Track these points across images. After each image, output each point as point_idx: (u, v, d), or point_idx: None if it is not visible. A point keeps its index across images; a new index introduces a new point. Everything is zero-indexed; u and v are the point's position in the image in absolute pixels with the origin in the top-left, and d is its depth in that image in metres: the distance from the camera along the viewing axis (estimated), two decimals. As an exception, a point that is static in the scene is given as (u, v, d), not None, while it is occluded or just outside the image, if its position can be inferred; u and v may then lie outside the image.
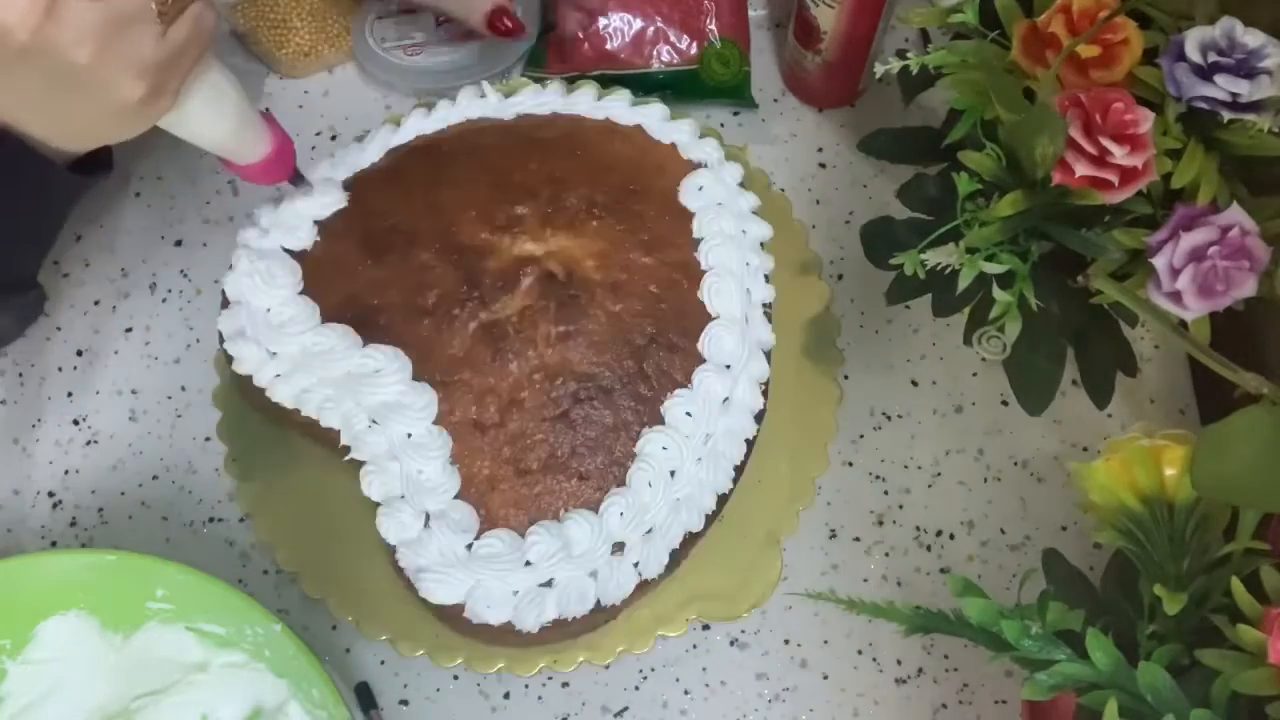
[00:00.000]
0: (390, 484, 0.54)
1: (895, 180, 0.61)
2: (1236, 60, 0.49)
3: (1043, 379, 0.56)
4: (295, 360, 0.56)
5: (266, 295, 0.57)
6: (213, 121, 0.49)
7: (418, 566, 0.53)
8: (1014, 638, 0.46)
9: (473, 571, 0.53)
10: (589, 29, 0.72)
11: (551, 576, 0.53)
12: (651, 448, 0.55)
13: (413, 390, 0.55)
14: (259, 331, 0.56)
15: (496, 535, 0.53)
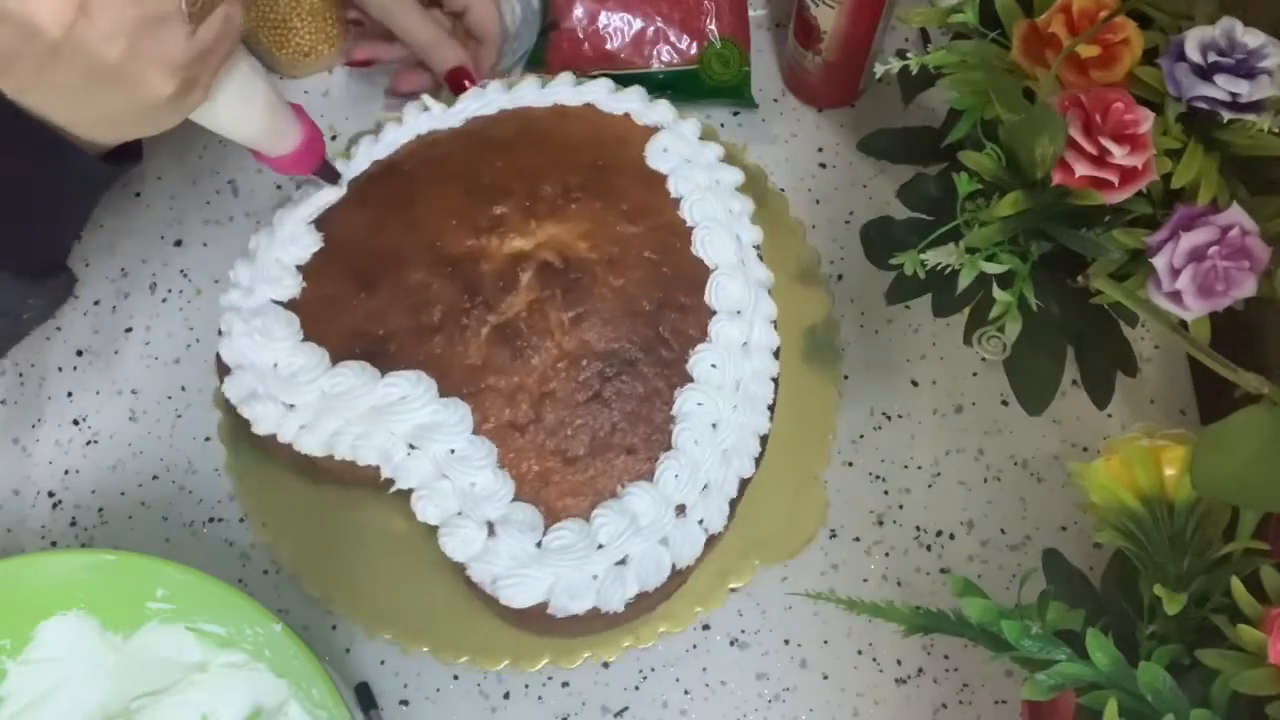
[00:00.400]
0: (445, 503, 0.53)
1: (895, 180, 0.61)
2: (1236, 60, 0.49)
3: (1043, 379, 0.56)
4: (316, 407, 0.55)
5: (269, 351, 0.55)
6: (243, 114, 0.49)
7: (493, 576, 0.53)
8: (1014, 638, 0.46)
9: (549, 567, 0.53)
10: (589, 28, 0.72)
11: (625, 554, 0.53)
12: (688, 406, 0.55)
13: (444, 407, 0.54)
14: (271, 388, 0.55)
15: (564, 527, 0.53)
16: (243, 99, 0.49)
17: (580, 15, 0.73)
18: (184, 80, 0.44)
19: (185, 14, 0.42)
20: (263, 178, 0.72)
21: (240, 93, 0.48)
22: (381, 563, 0.59)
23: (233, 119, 0.49)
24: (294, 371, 0.55)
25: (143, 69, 0.42)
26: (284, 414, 0.55)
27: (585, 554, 0.53)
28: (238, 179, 0.72)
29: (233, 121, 0.49)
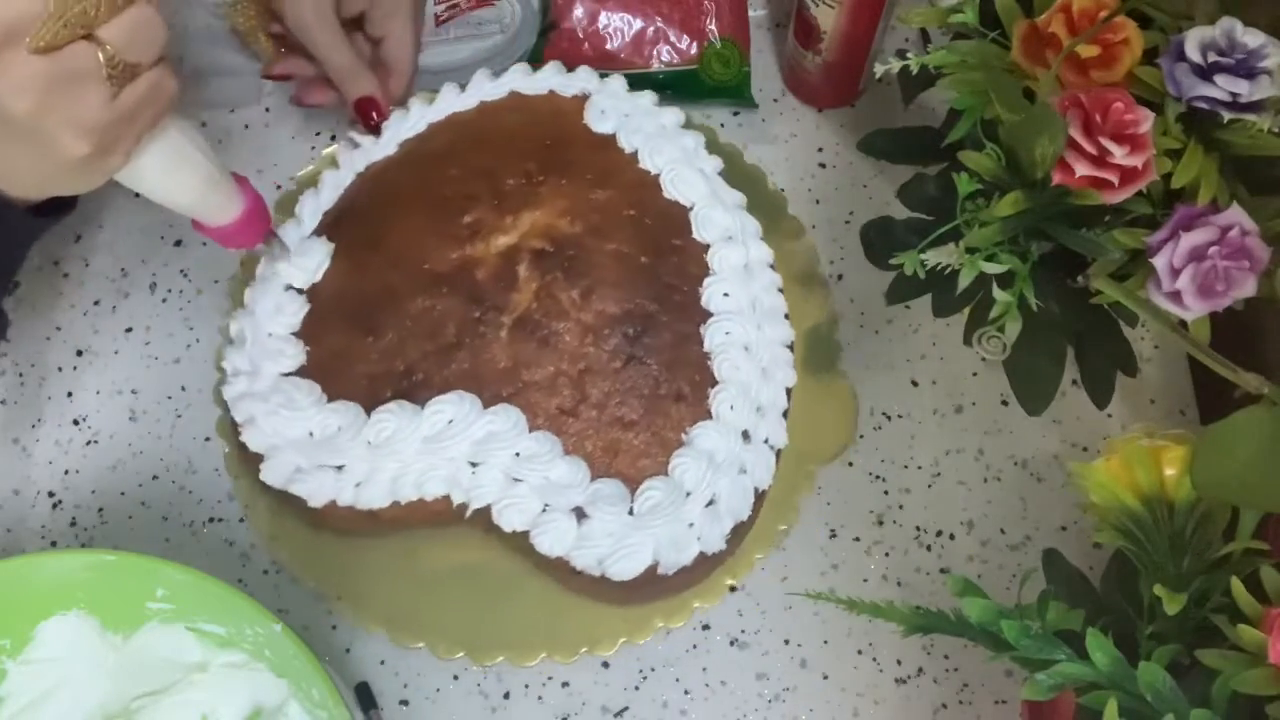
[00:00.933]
0: (527, 505, 0.54)
1: (895, 180, 0.61)
2: (1236, 60, 0.49)
3: (1043, 379, 0.56)
4: (367, 460, 0.54)
5: (300, 422, 0.55)
6: (172, 183, 0.47)
7: (597, 559, 0.54)
8: (1014, 638, 0.46)
9: (647, 531, 0.53)
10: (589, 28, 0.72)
11: (712, 493, 0.54)
12: (718, 338, 0.57)
13: (495, 416, 0.54)
14: (314, 457, 0.54)
15: (650, 487, 0.54)
16: (172, 167, 0.47)
17: (580, 15, 0.73)
18: (99, 144, 0.42)
19: (105, 75, 0.40)
20: (262, 179, 0.72)
21: (170, 160, 0.46)
22: (380, 557, 0.59)
23: (162, 186, 0.47)
24: (332, 434, 0.54)
25: (53, 127, 0.40)
26: (336, 478, 0.54)
27: (677, 506, 0.54)
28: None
29: (162, 189, 0.48)
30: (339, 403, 0.55)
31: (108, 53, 0.40)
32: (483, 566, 0.59)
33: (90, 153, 0.42)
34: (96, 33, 0.39)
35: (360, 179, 0.61)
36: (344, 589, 0.59)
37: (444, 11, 0.73)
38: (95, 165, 0.43)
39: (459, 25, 0.73)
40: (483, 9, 0.73)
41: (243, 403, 0.56)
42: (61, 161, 0.42)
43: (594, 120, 0.61)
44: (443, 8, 0.73)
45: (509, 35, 0.73)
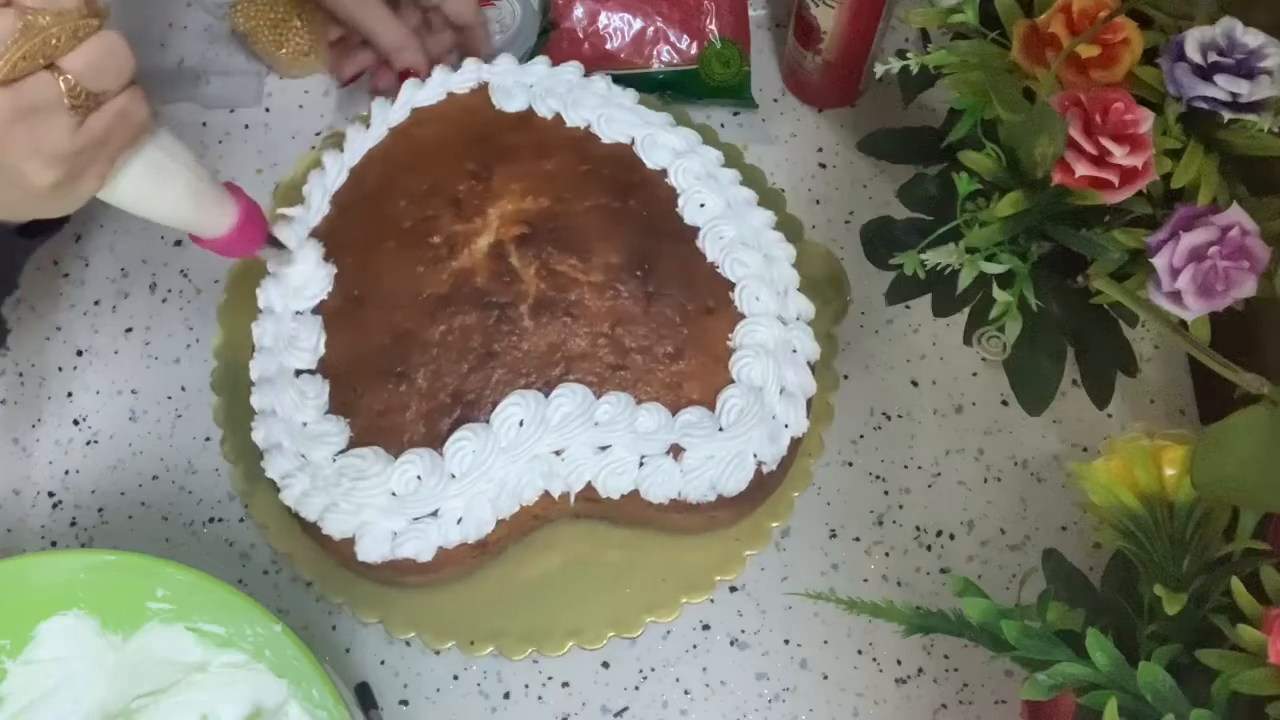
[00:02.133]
0: (625, 464, 0.55)
1: (895, 180, 0.61)
2: (1236, 60, 0.49)
3: (1043, 379, 0.56)
4: (459, 492, 0.54)
5: (379, 488, 0.53)
6: (156, 201, 0.47)
7: (710, 484, 0.55)
8: (1014, 638, 0.46)
9: (739, 438, 0.55)
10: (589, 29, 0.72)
11: (780, 381, 0.56)
12: (715, 245, 0.58)
13: (560, 398, 0.54)
14: (408, 512, 0.54)
15: (728, 398, 0.55)
16: (154, 186, 0.46)
17: (580, 15, 0.73)
18: (69, 170, 0.41)
19: (68, 106, 0.40)
20: (262, 179, 0.72)
21: (151, 179, 0.46)
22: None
23: (145, 205, 0.47)
24: (415, 485, 0.53)
25: (17, 158, 0.40)
26: (437, 524, 0.54)
27: (758, 403, 0.55)
28: (238, 179, 0.72)
29: (146, 207, 0.47)
30: (407, 454, 0.54)
31: (69, 82, 0.39)
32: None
33: (58, 180, 0.41)
34: (58, 62, 0.39)
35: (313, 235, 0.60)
36: (337, 581, 0.59)
37: (444, 11, 0.73)
38: (66, 192, 0.43)
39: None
40: (483, 9, 0.72)
41: (310, 500, 0.54)
42: (29, 190, 0.41)
43: (504, 102, 0.61)
44: (443, 8, 0.73)
45: (509, 35, 0.72)
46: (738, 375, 0.56)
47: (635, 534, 0.60)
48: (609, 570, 0.60)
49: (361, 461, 0.54)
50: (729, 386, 0.56)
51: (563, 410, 0.54)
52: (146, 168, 0.45)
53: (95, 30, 0.40)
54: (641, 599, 0.59)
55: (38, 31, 0.38)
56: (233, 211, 0.50)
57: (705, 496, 0.55)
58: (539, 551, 0.60)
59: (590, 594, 0.59)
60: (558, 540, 0.60)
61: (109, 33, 0.40)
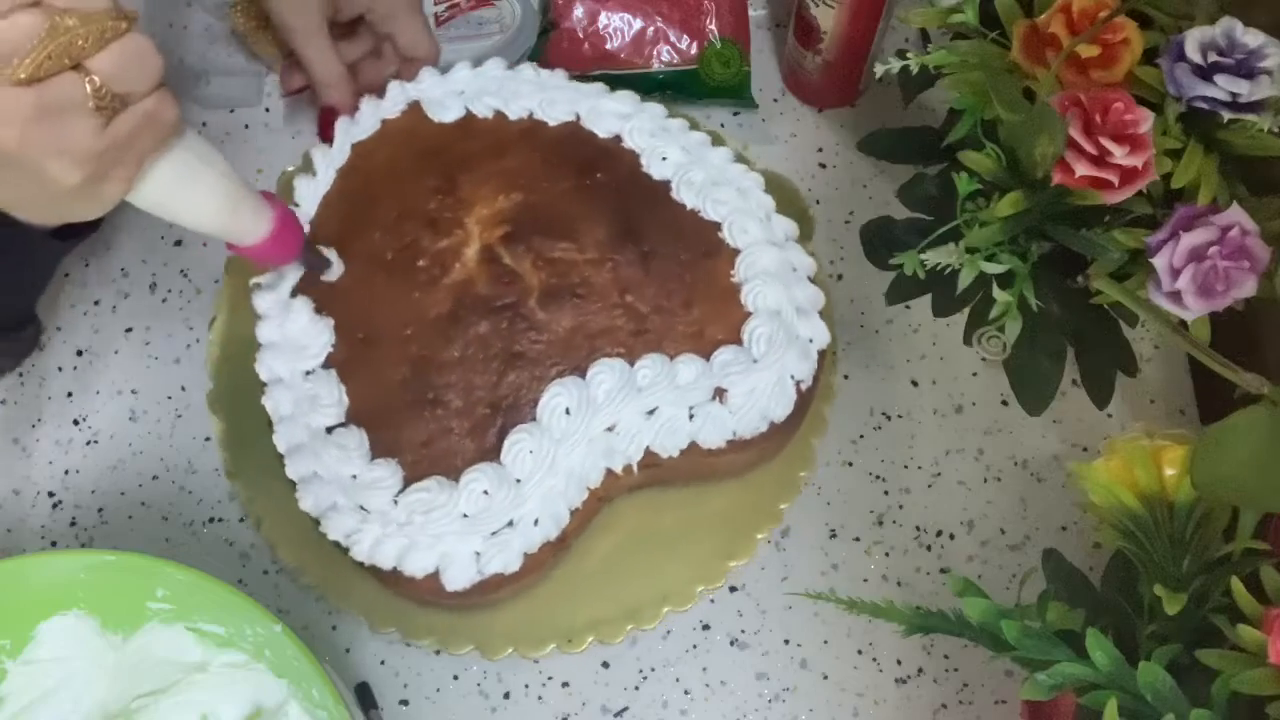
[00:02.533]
0: (678, 421, 0.55)
1: (895, 180, 0.61)
2: (1236, 60, 0.49)
3: (1043, 379, 0.56)
4: (529, 494, 0.54)
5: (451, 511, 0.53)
6: (187, 206, 0.46)
7: (760, 414, 0.56)
8: (1014, 638, 0.46)
9: (778, 363, 0.56)
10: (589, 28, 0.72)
11: (794, 302, 0.58)
12: (690, 192, 0.59)
13: (598, 376, 0.55)
14: (487, 527, 0.54)
15: (753, 329, 0.57)
16: (184, 190, 0.46)
17: (580, 15, 0.73)
18: (93, 172, 0.41)
19: (93, 107, 0.40)
20: (262, 179, 0.72)
21: (181, 184, 0.45)
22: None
23: (176, 210, 0.46)
24: (485, 502, 0.53)
25: (41, 158, 0.40)
26: (518, 532, 0.54)
27: (782, 327, 0.57)
28: (238, 179, 0.72)
29: (176, 212, 0.46)
30: (468, 473, 0.54)
31: (95, 84, 0.39)
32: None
33: (83, 181, 0.41)
34: (85, 63, 0.39)
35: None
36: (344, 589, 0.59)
37: (444, 11, 0.73)
38: (93, 193, 0.42)
39: (459, 25, 0.73)
40: (483, 9, 0.73)
41: (384, 547, 0.53)
42: (55, 190, 0.41)
43: (440, 114, 0.61)
44: (443, 8, 0.73)
45: (509, 35, 0.73)
46: (753, 306, 0.57)
47: (683, 496, 0.61)
48: (660, 542, 0.60)
49: (426, 494, 0.53)
50: (749, 319, 0.57)
51: (605, 387, 0.55)
52: (175, 171, 0.45)
53: (123, 33, 0.40)
54: (690, 570, 0.60)
55: (64, 32, 0.38)
56: (268, 219, 0.49)
57: (758, 429, 0.57)
58: (595, 537, 0.60)
59: (641, 572, 0.60)
60: (612, 521, 0.60)
61: (137, 35, 0.40)
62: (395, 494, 0.54)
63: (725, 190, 0.60)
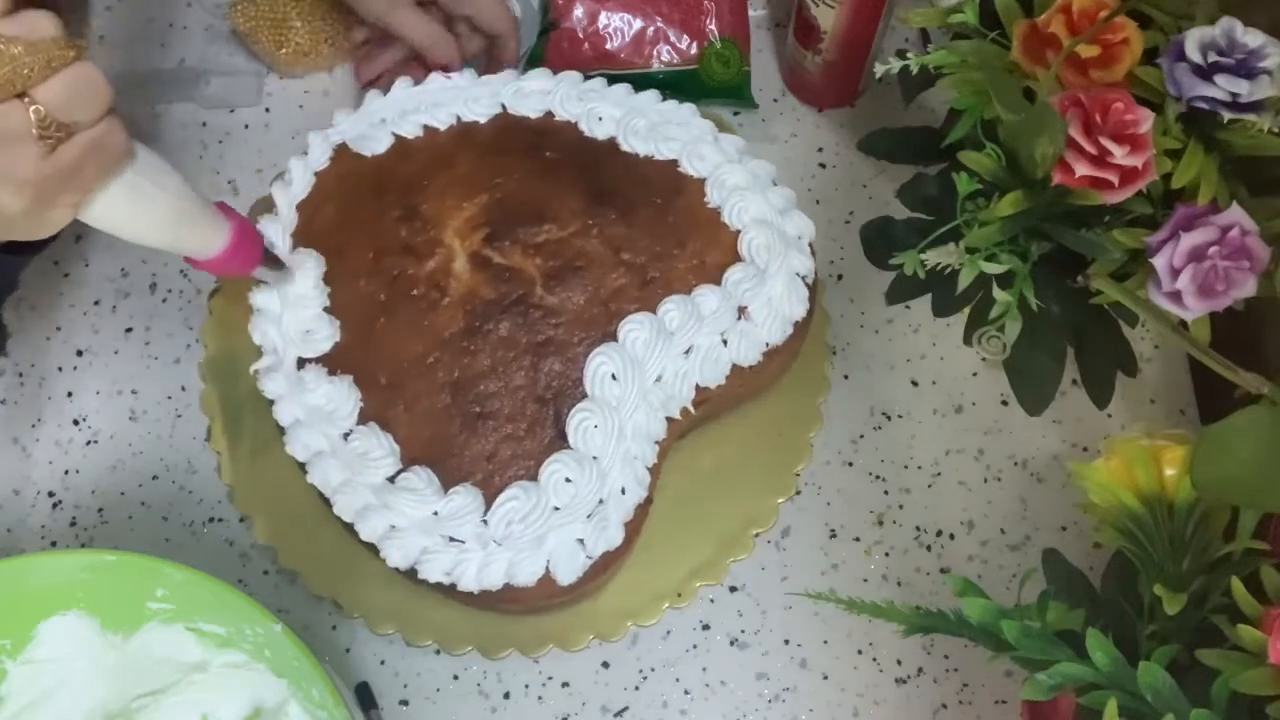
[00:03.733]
0: (714, 350, 0.57)
1: (895, 180, 0.61)
2: (1236, 60, 0.49)
3: (1043, 379, 0.56)
4: (609, 471, 0.54)
5: (541, 513, 0.53)
6: (139, 227, 0.46)
7: (783, 321, 0.58)
8: (1014, 638, 0.46)
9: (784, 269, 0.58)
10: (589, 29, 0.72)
11: (774, 207, 0.59)
12: (637, 138, 0.60)
13: (632, 334, 0.56)
14: (574, 512, 0.54)
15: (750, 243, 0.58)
16: (135, 212, 0.45)
17: (580, 15, 0.73)
18: (37, 198, 0.41)
19: (36, 135, 0.39)
20: (262, 179, 0.72)
21: (130, 206, 0.45)
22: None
23: (128, 230, 0.46)
24: (575, 489, 0.53)
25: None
26: (612, 504, 0.54)
27: (773, 233, 0.58)
28: (238, 179, 0.72)
29: (129, 232, 0.46)
30: (544, 467, 0.54)
31: (40, 113, 0.39)
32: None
33: (26, 207, 0.41)
34: (30, 92, 0.39)
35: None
36: (345, 589, 0.59)
37: (444, 11, 0.73)
38: (36, 218, 0.42)
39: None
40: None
41: (491, 570, 0.53)
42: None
43: (370, 148, 0.60)
44: (443, 8, 0.73)
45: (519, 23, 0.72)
46: (740, 222, 0.58)
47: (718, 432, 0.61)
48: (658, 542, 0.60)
49: (516, 502, 0.53)
50: (741, 235, 0.58)
51: (640, 341, 0.55)
52: (125, 194, 0.44)
53: (70, 62, 0.39)
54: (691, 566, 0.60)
55: (9, 61, 0.38)
56: (224, 232, 0.49)
57: (786, 333, 0.58)
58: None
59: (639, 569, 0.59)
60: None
61: (84, 65, 0.40)
62: (482, 515, 0.53)
63: (668, 129, 0.61)
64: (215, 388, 0.63)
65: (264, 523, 0.60)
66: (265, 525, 0.60)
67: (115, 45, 0.75)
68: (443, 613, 0.59)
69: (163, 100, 0.73)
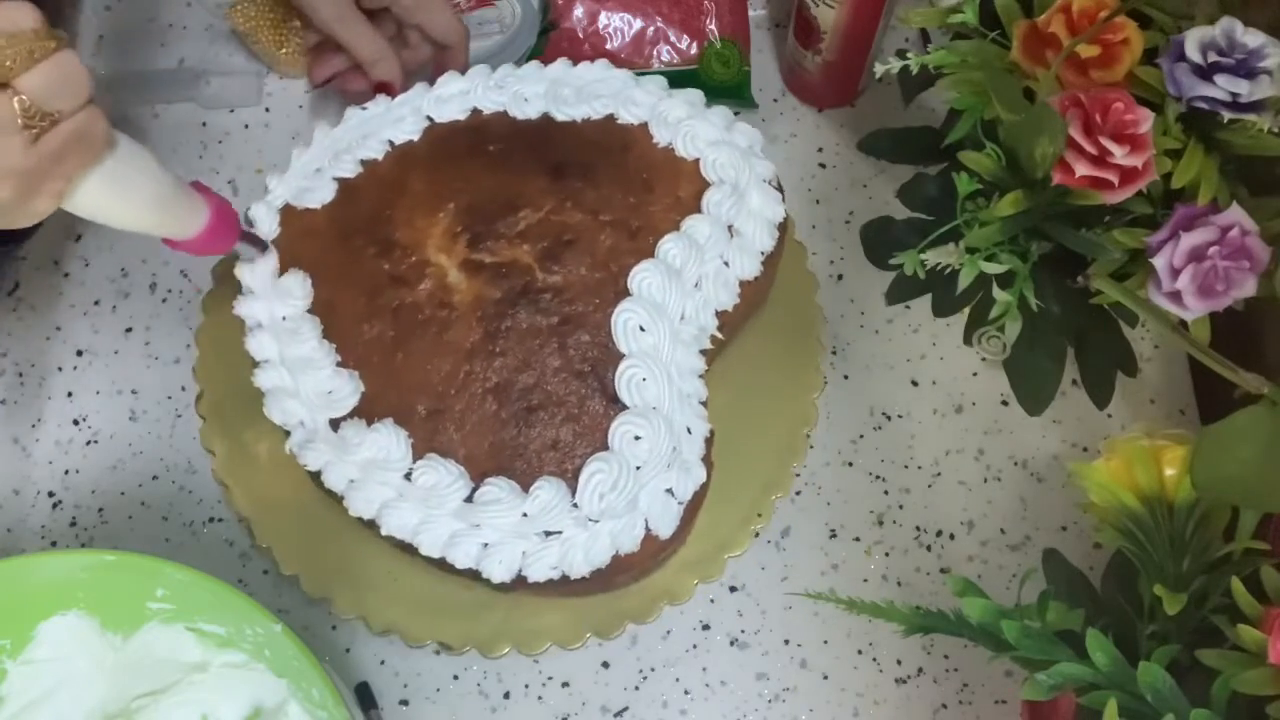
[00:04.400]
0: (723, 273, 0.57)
1: (895, 180, 0.61)
2: (1236, 60, 0.49)
3: (1043, 379, 0.56)
4: (674, 412, 0.54)
5: (625, 479, 0.53)
6: (120, 212, 0.47)
7: (768, 223, 0.59)
8: (1014, 638, 0.46)
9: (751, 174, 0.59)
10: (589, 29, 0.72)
11: (719, 124, 0.61)
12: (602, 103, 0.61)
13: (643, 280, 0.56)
14: (653, 465, 0.54)
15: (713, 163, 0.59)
16: (115, 197, 0.46)
17: (580, 15, 0.73)
18: (20, 187, 0.42)
19: (20, 125, 0.40)
20: (262, 179, 0.71)
21: (111, 192, 0.46)
22: (381, 556, 0.59)
23: (109, 216, 0.47)
24: (650, 443, 0.53)
25: None
26: (687, 445, 0.55)
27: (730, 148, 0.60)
28: (237, 179, 0.72)
29: (109, 218, 0.47)
30: (612, 432, 0.54)
31: (24, 102, 0.40)
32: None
33: (11, 196, 0.42)
34: (13, 83, 0.39)
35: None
36: (346, 591, 0.59)
37: (444, 11, 0.73)
38: (20, 207, 0.43)
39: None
40: (483, 9, 0.73)
41: (596, 545, 0.53)
42: None
43: (316, 198, 0.58)
44: (443, 8, 0.73)
45: (509, 35, 0.73)
46: (694, 150, 0.59)
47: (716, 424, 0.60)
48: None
49: (602, 474, 0.53)
50: (700, 161, 0.59)
51: (653, 286, 0.56)
52: (107, 181, 0.45)
53: (52, 52, 0.40)
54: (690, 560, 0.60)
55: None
56: (203, 212, 0.50)
57: (774, 236, 0.59)
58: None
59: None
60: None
61: (65, 54, 0.40)
62: (571, 500, 0.53)
63: (594, 88, 0.61)
64: (211, 388, 0.63)
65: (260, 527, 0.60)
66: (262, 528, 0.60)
67: (115, 45, 0.75)
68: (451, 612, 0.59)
69: (163, 100, 0.73)
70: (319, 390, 0.55)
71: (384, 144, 0.60)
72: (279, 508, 0.60)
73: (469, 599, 0.59)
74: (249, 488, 0.61)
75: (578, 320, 0.55)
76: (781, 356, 0.64)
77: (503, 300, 0.55)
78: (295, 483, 0.59)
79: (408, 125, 0.60)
